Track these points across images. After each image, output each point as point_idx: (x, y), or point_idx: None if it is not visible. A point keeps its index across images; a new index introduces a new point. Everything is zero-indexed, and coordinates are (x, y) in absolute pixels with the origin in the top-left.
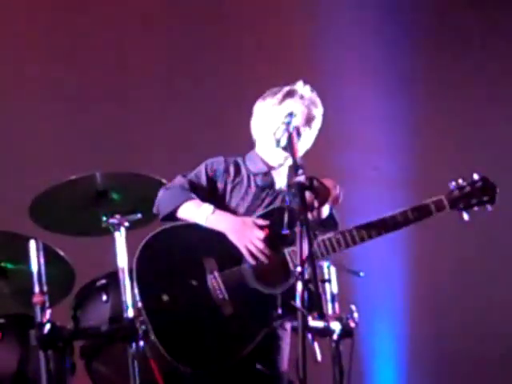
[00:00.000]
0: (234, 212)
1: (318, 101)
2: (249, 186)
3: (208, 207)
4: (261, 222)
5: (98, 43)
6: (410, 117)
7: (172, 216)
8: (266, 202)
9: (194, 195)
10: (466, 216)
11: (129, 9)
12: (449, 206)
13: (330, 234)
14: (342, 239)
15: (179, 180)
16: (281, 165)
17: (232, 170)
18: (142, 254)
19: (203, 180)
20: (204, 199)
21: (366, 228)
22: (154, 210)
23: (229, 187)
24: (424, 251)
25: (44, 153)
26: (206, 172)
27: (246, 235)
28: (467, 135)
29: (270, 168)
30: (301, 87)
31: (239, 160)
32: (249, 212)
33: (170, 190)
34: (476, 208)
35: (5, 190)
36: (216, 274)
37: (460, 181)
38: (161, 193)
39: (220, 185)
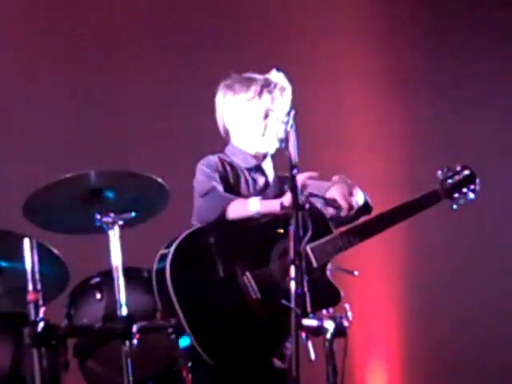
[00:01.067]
0: None
1: (287, 84)
2: (246, 180)
3: (254, 199)
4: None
5: (97, 42)
6: (409, 117)
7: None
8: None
9: (232, 196)
10: (454, 206)
11: (128, 10)
12: (444, 196)
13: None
14: (346, 238)
15: (207, 185)
16: (265, 155)
17: (227, 165)
18: (174, 255)
19: (218, 180)
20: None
21: (371, 224)
22: (196, 219)
23: (231, 181)
24: (420, 250)
25: (38, 151)
26: (217, 171)
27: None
28: (466, 137)
29: (257, 159)
30: (274, 76)
31: (223, 156)
32: None
33: (208, 198)
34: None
35: None
36: (248, 274)
37: (445, 170)
38: (200, 201)
39: (224, 180)
